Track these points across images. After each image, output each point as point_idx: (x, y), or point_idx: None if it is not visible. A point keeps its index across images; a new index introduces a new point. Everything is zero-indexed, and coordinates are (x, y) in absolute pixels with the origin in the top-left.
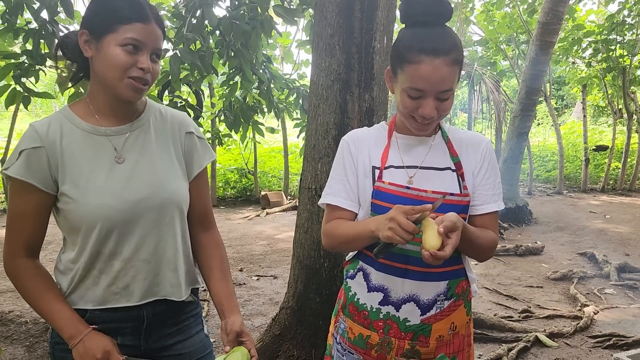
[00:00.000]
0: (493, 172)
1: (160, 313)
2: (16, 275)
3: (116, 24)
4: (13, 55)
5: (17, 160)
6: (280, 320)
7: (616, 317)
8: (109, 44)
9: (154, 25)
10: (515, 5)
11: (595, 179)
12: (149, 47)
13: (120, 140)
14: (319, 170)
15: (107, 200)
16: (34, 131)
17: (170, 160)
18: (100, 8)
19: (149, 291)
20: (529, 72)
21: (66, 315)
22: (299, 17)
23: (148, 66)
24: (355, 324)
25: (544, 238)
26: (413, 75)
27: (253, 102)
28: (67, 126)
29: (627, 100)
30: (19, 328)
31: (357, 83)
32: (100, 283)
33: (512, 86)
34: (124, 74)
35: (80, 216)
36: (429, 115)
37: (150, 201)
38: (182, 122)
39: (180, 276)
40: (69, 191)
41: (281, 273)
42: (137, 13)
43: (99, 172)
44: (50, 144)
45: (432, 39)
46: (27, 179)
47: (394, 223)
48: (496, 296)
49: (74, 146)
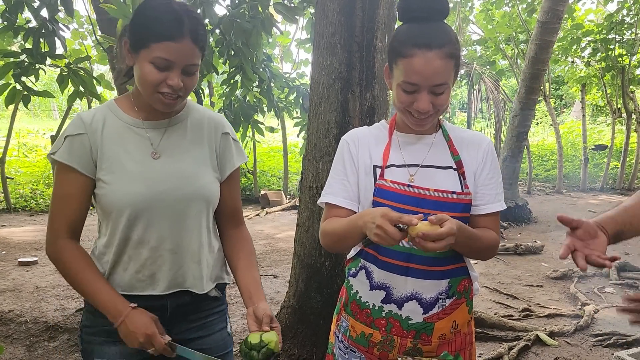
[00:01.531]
0: (495, 172)
1: (184, 305)
2: (59, 256)
3: (149, 41)
4: (13, 54)
5: (62, 145)
6: (281, 319)
7: (616, 316)
8: (142, 59)
9: (187, 41)
10: (515, 5)
11: (595, 178)
12: (180, 64)
13: (157, 135)
14: (320, 169)
15: (137, 187)
16: (80, 119)
17: (202, 157)
18: (139, 21)
19: (174, 282)
20: (528, 72)
21: (107, 295)
22: (299, 15)
23: (177, 84)
24: (358, 322)
25: (543, 237)
26: (407, 70)
27: (253, 101)
28: (110, 117)
29: (626, 100)
30: (19, 327)
31: (359, 82)
32: (129, 269)
33: (511, 85)
34: (154, 89)
35: (112, 201)
36: (424, 110)
37: (178, 192)
38: (218, 123)
39: (203, 269)
40: (104, 176)
41: (281, 272)
42: (170, 30)
43: (133, 162)
44: (92, 132)
45: (425, 34)
46: (69, 163)
47: (380, 230)
48: (496, 295)
49: (113, 136)
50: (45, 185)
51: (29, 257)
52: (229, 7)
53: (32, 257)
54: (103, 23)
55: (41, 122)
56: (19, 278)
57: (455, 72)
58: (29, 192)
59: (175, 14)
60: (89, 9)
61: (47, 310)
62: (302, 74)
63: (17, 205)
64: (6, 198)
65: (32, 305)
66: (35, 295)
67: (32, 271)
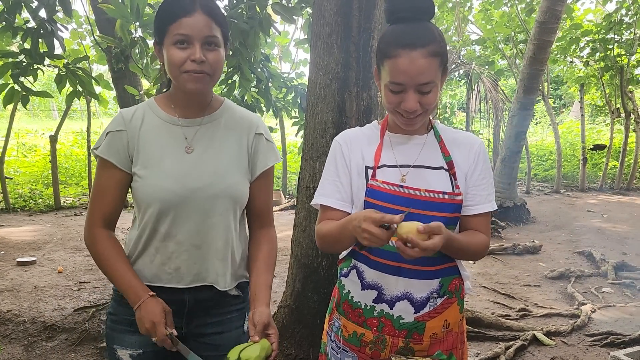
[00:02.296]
0: (486, 173)
1: (204, 300)
2: (93, 243)
3: (167, 25)
4: (11, 54)
5: (104, 141)
6: (278, 319)
7: (613, 316)
8: (166, 46)
9: (199, 14)
10: (513, 5)
11: (593, 178)
12: (198, 37)
13: (191, 131)
14: (317, 169)
15: (168, 183)
16: (121, 116)
17: (234, 156)
18: (157, 16)
19: (198, 276)
20: (526, 71)
21: (131, 282)
22: (297, 15)
23: (200, 56)
24: (350, 322)
25: (541, 237)
26: (392, 70)
27: (251, 100)
28: (148, 114)
29: (625, 100)
30: (17, 327)
31: (355, 82)
32: (155, 261)
33: (510, 85)
34: (179, 70)
35: (144, 195)
36: (411, 109)
37: (208, 190)
38: (252, 123)
39: (227, 267)
40: (139, 171)
41: (279, 272)
42: (180, 8)
43: (167, 157)
44: (132, 129)
45: (409, 33)
46: (108, 158)
47: (367, 233)
48: (494, 295)
49: (150, 132)
50: (44, 186)
51: (28, 257)
52: (226, 7)
53: (31, 257)
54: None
55: (40, 122)
56: (17, 278)
57: (443, 70)
58: (28, 192)
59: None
60: (88, 9)
61: (45, 310)
62: (300, 73)
63: (16, 205)
64: (5, 198)
65: (30, 305)
66: (34, 295)
67: (31, 271)
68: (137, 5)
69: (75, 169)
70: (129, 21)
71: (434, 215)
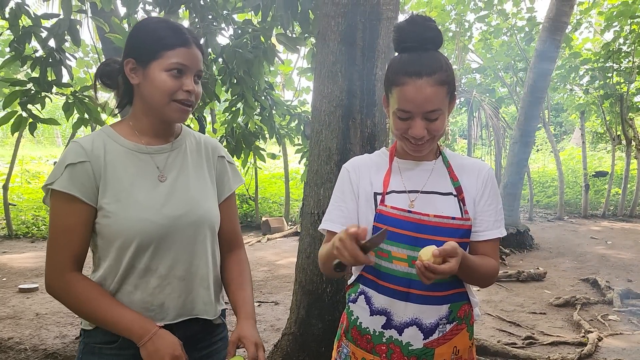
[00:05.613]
0: (495, 199)
1: (192, 335)
2: (67, 290)
3: (161, 50)
4: (20, 82)
5: (62, 175)
6: (282, 347)
7: (620, 344)
8: (155, 70)
9: (195, 48)
10: (513, 34)
11: (596, 204)
12: (192, 69)
13: (161, 159)
14: (321, 196)
15: (148, 215)
16: (80, 147)
17: (204, 181)
18: (144, 36)
19: (183, 309)
20: (527, 99)
21: (131, 316)
22: (301, 45)
23: (193, 88)
24: (358, 349)
25: (545, 264)
26: (399, 97)
27: (255, 128)
28: (110, 144)
29: (625, 127)
30: (18, 355)
31: (359, 109)
32: (135, 298)
33: (510, 113)
34: (170, 98)
35: (119, 230)
36: (418, 135)
37: (187, 218)
38: (215, 147)
39: (211, 294)
40: (108, 205)
41: (282, 299)
42: (180, 39)
43: (140, 188)
44: (95, 159)
45: (416, 62)
46: (71, 192)
47: (340, 244)
48: (499, 322)
49: (117, 162)
50: (47, 212)
51: (30, 283)
52: (231, 36)
53: (33, 284)
54: (108, 52)
55: (44, 149)
56: (19, 305)
57: (451, 97)
58: (31, 218)
59: (178, 26)
60: (95, 38)
61: (46, 337)
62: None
63: (19, 231)
64: (8, 224)
65: (31, 332)
66: (35, 322)
67: (33, 298)
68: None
69: None
70: None
71: (443, 241)
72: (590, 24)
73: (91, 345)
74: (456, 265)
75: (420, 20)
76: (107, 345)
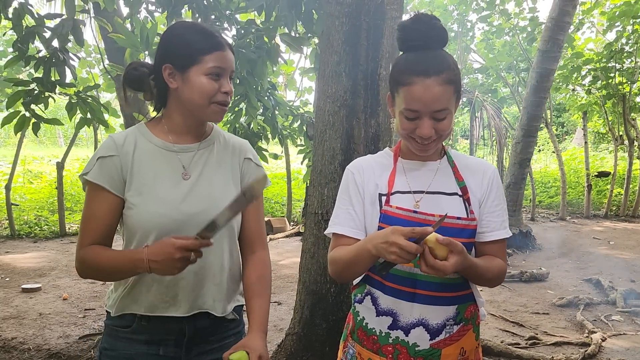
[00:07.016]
0: (500, 200)
1: (202, 328)
2: (84, 257)
3: (200, 54)
4: (23, 83)
5: (94, 166)
6: (286, 347)
7: (624, 345)
8: (194, 74)
9: (228, 50)
10: (515, 34)
11: (598, 205)
12: (228, 71)
13: (188, 157)
14: (325, 196)
15: (165, 209)
16: (112, 141)
17: (227, 180)
18: (179, 42)
19: (194, 303)
20: (529, 99)
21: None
22: (305, 45)
23: (231, 89)
24: (364, 349)
25: (548, 264)
26: (407, 97)
27: (258, 128)
28: (141, 140)
29: (628, 127)
30: (21, 355)
31: (363, 109)
32: (152, 290)
33: (512, 113)
34: (210, 100)
35: (139, 222)
36: (426, 135)
37: (204, 215)
38: (242, 148)
39: (222, 292)
40: (131, 198)
41: (285, 299)
42: (215, 43)
43: (162, 184)
44: (124, 154)
45: (423, 61)
46: (100, 182)
47: (395, 247)
48: (502, 323)
49: (144, 158)
50: (49, 212)
51: (33, 283)
52: (234, 37)
53: (36, 284)
54: (111, 52)
55: (46, 149)
56: (22, 305)
57: (457, 97)
58: (34, 218)
59: (209, 31)
60: (98, 38)
61: (50, 337)
62: (305, 101)
63: (22, 231)
64: (10, 224)
65: (35, 332)
66: (39, 322)
67: (36, 298)
68: (146, 35)
69: (80, 196)
70: (138, 50)
71: None
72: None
73: (110, 327)
74: (455, 265)
75: (425, 19)
76: (123, 328)
